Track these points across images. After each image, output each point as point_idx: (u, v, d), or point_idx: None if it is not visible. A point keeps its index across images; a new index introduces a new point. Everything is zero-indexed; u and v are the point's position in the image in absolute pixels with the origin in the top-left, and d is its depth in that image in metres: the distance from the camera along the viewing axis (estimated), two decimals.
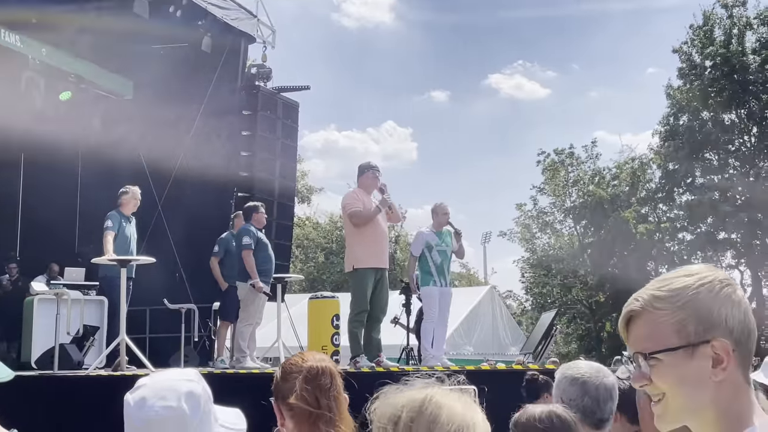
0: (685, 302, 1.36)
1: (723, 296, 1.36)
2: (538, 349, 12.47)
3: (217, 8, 13.25)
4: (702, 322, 1.34)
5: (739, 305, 1.36)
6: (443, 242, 8.86)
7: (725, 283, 1.37)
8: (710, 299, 1.35)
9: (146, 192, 10.47)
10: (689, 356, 1.34)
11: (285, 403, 2.40)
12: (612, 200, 32.14)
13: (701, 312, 1.35)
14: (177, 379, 1.83)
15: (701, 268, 1.40)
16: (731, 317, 1.34)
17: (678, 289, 1.37)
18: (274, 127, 14.20)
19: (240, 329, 9.10)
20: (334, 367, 2.50)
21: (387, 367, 7.85)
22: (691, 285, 1.37)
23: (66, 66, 13.34)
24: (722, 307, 1.35)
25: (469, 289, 29.18)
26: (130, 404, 1.80)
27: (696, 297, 1.36)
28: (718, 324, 1.34)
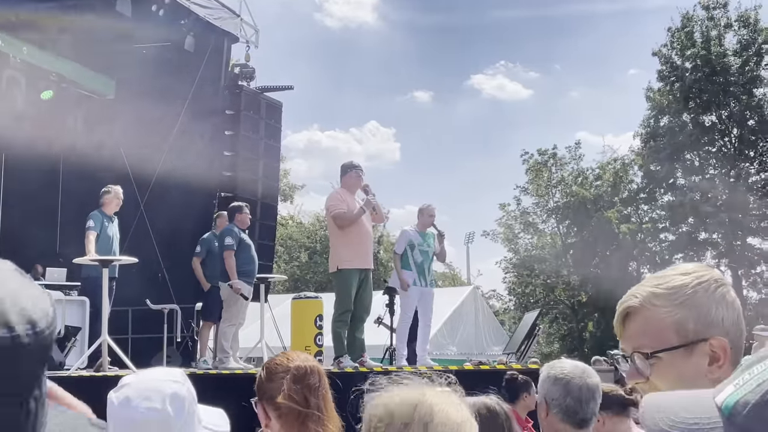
0: (683, 300, 1.37)
1: (719, 296, 1.37)
2: (521, 349, 12.50)
3: (200, 7, 13.20)
4: (701, 320, 1.35)
5: (733, 305, 1.38)
6: (426, 243, 8.90)
7: (720, 283, 1.39)
8: (707, 298, 1.37)
9: (129, 192, 10.42)
10: (688, 354, 1.35)
11: (272, 403, 2.39)
12: (595, 200, 32.33)
13: (700, 311, 1.36)
14: (162, 380, 1.82)
15: (697, 267, 1.42)
16: (727, 317, 1.36)
17: (676, 287, 1.38)
18: (258, 127, 14.17)
19: (223, 330, 9.08)
20: (320, 366, 2.50)
21: (370, 367, 7.85)
22: (689, 284, 1.38)
23: (47, 65, 13.25)
24: (719, 307, 1.36)
25: (453, 290, 29.23)
26: (113, 403, 1.79)
27: (694, 296, 1.37)
28: (716, 323, 1.35)
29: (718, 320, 1.35)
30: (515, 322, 31.37)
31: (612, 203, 32.16)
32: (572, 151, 34.55)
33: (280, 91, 14.96)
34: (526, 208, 35.27)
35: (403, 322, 8.87)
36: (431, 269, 9.06)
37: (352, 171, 8.27)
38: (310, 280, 35.96)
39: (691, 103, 29.14)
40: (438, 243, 9.02)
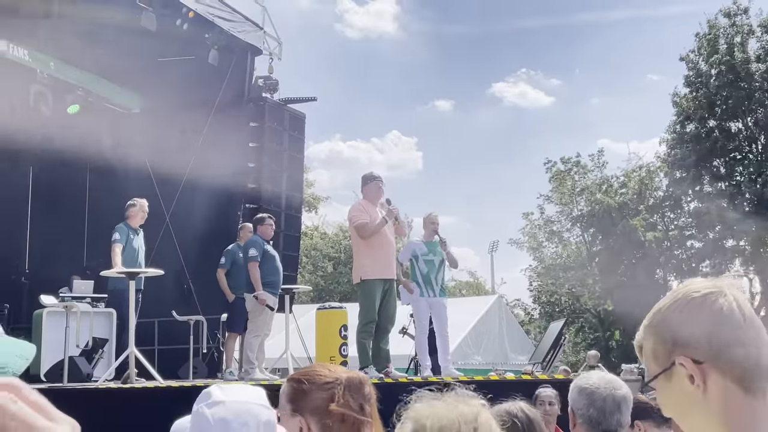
0: (655, 326, 1.35)
1: (687, 310, 1.33)
2: (547, 358, 12.44)
3: (223, 21, 13.32)
4: (667, 342, 1.32)
5: (707, 315, 1.31)
6: (431, 252, 8.79)
7: (698, 294, 1.34)
8: (677, 317, 1.33)
9: (154, 204, 10.51)
10: (669, 380, 1.32)
11: (317, 414, 2.34)
12: (620, 208, 32.11)
13: (667, 333, 1.33)
14: (255, 403, 1.82)
15: (687, 284, 1.38)
16: (695, 330, 1.30)
17: (652, 314, 1.37)
18: (281, 139, 14.25)
19: (248, 341, 9.11)
20: (366, 376, 2.51)
21: (396, 378, 7.84)
22: (662, 307, 1.36)
23: (74, 80, 13.42)
24: (687, 322, 1.31)
25: (477, 299, 29.14)
26: (209, 421, 1.76)
27: (664, 318, 1.35)
28: (684, 341, 1.30)
29: (687, 337, 1.30)
30: (540, 332, 31.20)
31: (637, 211, 31.93)
32: (595, 159, 34.40)
33: (303, 102, 15.05)
34: (549, 217, 35.12)
35: (420, 333, 8.85)
36: (440, 279, 8.97)
37: (373, 182, 8.28)
38: (335, 290, 36.00)
39: (716, 110, 28.90)
40: (444, 250, 8.95)
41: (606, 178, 33.97)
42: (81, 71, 13.38)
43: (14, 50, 12.07)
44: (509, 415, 2.79)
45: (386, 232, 8.10)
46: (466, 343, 19.82)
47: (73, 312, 9.37)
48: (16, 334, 10.18)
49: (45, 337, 9.87)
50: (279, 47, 14.66)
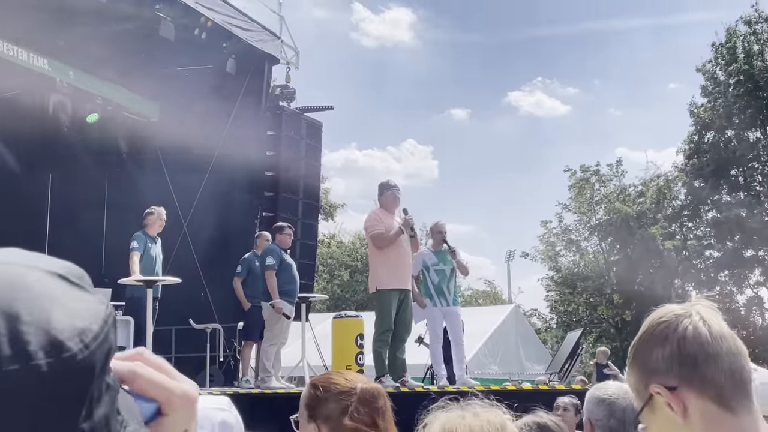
0: (631, 361, 1.36)
1: (654, 338, 1.32)
2: (564, 368, 12.38)
3: (241, 30, 13.38)
4: (643, 373, 1.32)
5: (673, 339, 1.30)
6: (441, 262, 8.78)
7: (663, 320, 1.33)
8: (646, 348, 1.33)
9: (172, 212, 10.56)
10: (653, 412, 1.31)
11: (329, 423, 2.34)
12: (638, 217, 31.95)
13: (641, 365, 1.33)
14: (211, 408, 1.85)
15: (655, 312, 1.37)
16: (662, 356, 1.30)
17: (630, 350, 1.37)
18: (298, 147, 14.28)
19: (265, 349, 9.12)
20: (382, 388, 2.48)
21: (412, 387, 7.83)
22: (635, 341, 1.36)
23: (93, 89, 13.52)
24: (654, 350, 1.31)
25: (494, 308, 29.06)
26: None
27: (636, 352, 1.35)
28: (653, 369, 1.30)
29: (655, 364, 1.30)
30: (557, 341, 31.07)
31: (655, 220, 31.76)
32: (614, 168, 34.27)
33: (320, 111, 15.08)
34: (568, 226, 34.98)
35: (434, 342, 8.84)
36: (453, 287, 8.96)
37: (389, 191, 8.28)
38: (351, 298, 36.00)
39: (735, 119, 28.72)
40: (453, 258, 8.94)
41: (624, 187, 33.83)
42: (100, 80, 13.49)
43: (34, 59, 12.19)
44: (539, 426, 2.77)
45: (402, 242, 8.09)
46: (482, 353, 19.76)
47: None
48: None
49: None
50: (296, 56, 14.72)
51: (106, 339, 0.66)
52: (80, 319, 0.65)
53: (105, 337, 0.66)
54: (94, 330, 0.65)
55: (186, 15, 12.51)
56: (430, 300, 8.66)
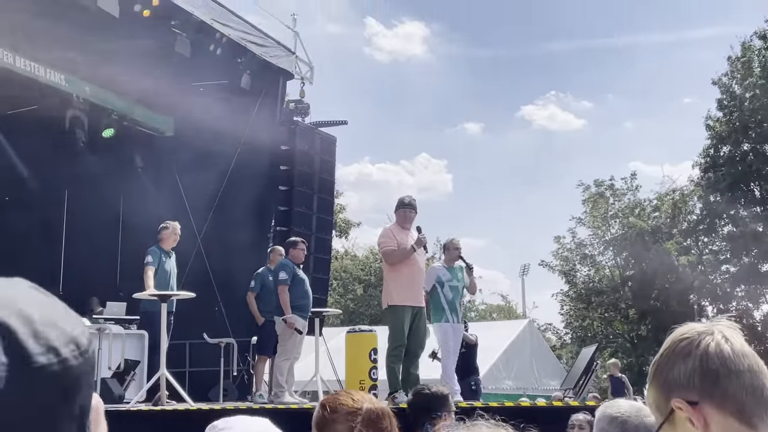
0: (652, 377, 1.37)
1: (676, 354, 1.34)
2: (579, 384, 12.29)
3: (256, 46, 13.46)
4: (663, 390, 1.33)
5: (695, 354, 1.32)
6: (455, 278, 8.81)
7: (685, 336, 1.35)
8: (668, 363, 1.34)
9: (186, 226, 10.60)
10: (673, 428, 1.32)
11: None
12: (653, 232, 31.79)
13: (662, 380, 1.34)
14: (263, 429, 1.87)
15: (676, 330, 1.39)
16: (684, 371, 1.31)
17: (650, 367, 1.38)
18: (312, 162, 14.32)
19: (278, 364, 9.12)
20: (388, 408, 2.48)
21: None
22: (656, 358, 1.38)
23: (109, 104, 13.64)
24: (676, 365, 1.33)
25: (508, 323, 28.95)
26: None
27: (657, 367, 1.36)
28: (675, 384, 1.32)
29: (677, 380, 1.31)
30: (572, 356, 30.90)
31: (671, 234, 31.59)
32: (628, 182, 34.14)
33: (334, 126, 15.13)
34: (582, 240, 34.84)
35: (446, 357, 8.83)
36: (462, 305, 9.08)
37: (401, 209, 8.28)
38: (365, 313, 35.97)
39: (751, 133, 28.59)
40: (467, 276, 8.97)
41: (639, 202, 33.69)
42: (116, 96, 13.60)
43: (51, 75, 12.32)
44: None
45: (417, 259, 8.08)
46: (496, 368, 19.68)
47: (106, 334, 9.45)
48: None
49: None
50: (310, 71, 14.79)
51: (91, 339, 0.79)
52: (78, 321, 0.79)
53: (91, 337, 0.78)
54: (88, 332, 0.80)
55: (201, 31, 12.61)
56: (442, 315, 8.67)
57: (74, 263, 13.55)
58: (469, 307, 40.94)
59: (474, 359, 12.16)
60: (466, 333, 12.08)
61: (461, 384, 11.80)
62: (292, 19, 14.80)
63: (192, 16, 12.21)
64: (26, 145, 13.67)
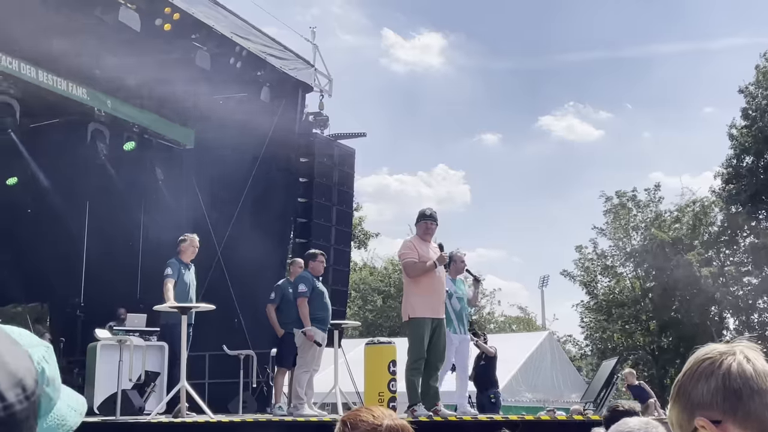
0: (674, 396, 1.39)
1: (699, 374, 1.36)
2: (600, 397, 12.21)
3: (275, 59, 13.54)
4: (687, 408, 1.35)
5: (718, 374, 1.34)
6: (459, 289, 9.09)
7: (708, 356, 1.37)
8: (692, 383, 1.36)
9: (206, 239, 10.66)
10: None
11: None
12: (674, 243, 31.55)
13: (685, 400, 1.36)
14: None
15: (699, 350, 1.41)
16: (707, 390, 1.33)
17: (673, 386, 1.40)
18: (331, 174, 14.36)
19: (297, 376, 9.12)
20: (409, 426, 2.48)
21: (445, 416, 7.77)
22: (679, 378, 1.40)
23: (130, 117, 13.76)
24: (699, 384, 1.35)
25: (527, 335, 28.83)
26: None
27: (681, 387, 1.38)
28: (698, 403, 1.33)
29: (699, 399, 1.33)
30: (593, 369, 30.67)
31: (692, 246, 31.34)
32: (651, 194, 33.93)
33: (352, 138, 15.17)
34: (603, 251, 34.64)
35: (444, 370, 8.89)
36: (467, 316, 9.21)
37: (422, 221, 8.28)
38: (384, 324, 35.92)
39: None
40: (473, 288, 9.11)
41: (659, 213, 33.48)
42: (137, 109, 13.72)
43: (73, 89, 12.44)
44: None
45: (437, 271, 8.06)
46: (516, 380, 19.58)
47: (127, 345, 9.50)
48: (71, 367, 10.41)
49: (98, 370, 10.03)
50: (329, 84, 14.84)
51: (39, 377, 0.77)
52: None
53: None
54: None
55: (221, 44, 12.70)
56: (450, 326, 8.75)
57: (95, 275, 13.66)
58: (489, 319, 40.78)
59: (493, 371, 12.12)
60: (485, 345, 12.05)
61: (480, 396, 11.80)
62: (311, 32, 14.89)
63: (212, 29, 12.31)
64: (48, 158, 13.82)
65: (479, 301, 9.73)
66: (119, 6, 11.11)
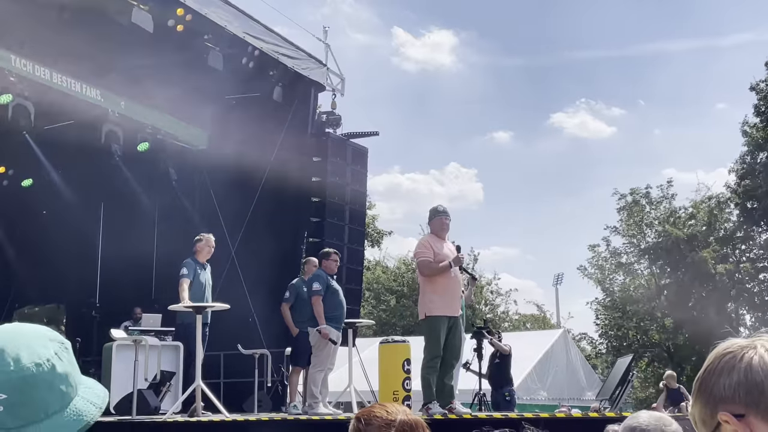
0: (697, 391, 1.38)
1: (720, 368, 1.36)
2: (615, 395, 12.18)
3: (288, 58, 13.55)
4: (709, 404, 1.35)
5: (739, 368, 1.34)
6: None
7: (729, 351, 1.37)
8: (713, 378, 1.36)
9: (220, 238, 10.68)
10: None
11: None
12: (689, 240, 31.40)
13: (708, 395, 1.35)
14: None
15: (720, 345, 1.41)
16: (729, 384, 1.33)
17: (695, 382, 1.40)
18: (344, 173, 14.36)
19: (312, 375, 9.13)
20: (423, 421, 2.48)
21: (460, 413, 7.77)
22: (700, 373, 1.39)
23: (144, 118, 13.81)
24: (720, 379, 1.34)
25: (542, 333, 28.75)
26: None
27: (702, 382, 1.38)
28: (720, 398, 1.33)
29: (722, 393, 1.33)
30: (608, 366, 30.58)
31: (707, 243, 31.18)
32: (664, 190, 33.79)
33: (365, 137, 15.16)
34: (617, 248, 34.52)
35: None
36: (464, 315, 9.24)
37: (437, 217, 8.26)
38: (398, 323, 35.91)
39: None
40: (470, 286, 9.04)
41: (674, 210, 33.32)
42: (150, 110, 13.77)
43: (87, 91, 12.51)
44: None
45: (453, 270, 8.05)
46: (531, 378, 19.54)
47: (142, 345, 9.54)
48: (87, 366, 10.45)
49: (114, 369, 10.07)
50: (342, 83, 14.83)
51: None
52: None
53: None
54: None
55: (234, 45, 12.73)
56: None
57: (110, 275, 13.72)
58: (503, 318, 40.72)
59: (508, 369, 12.10)
60: (500, 343, 12.03)
61: (495, 394, 11.78)
62: (323, 31, 14.89)
63: (224, 30, 12.33)
64: (63, 160, 13.90)
65: (476, 299, 9.73)
66: (132, 7, 11.15)
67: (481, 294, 37.65)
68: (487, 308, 39.12)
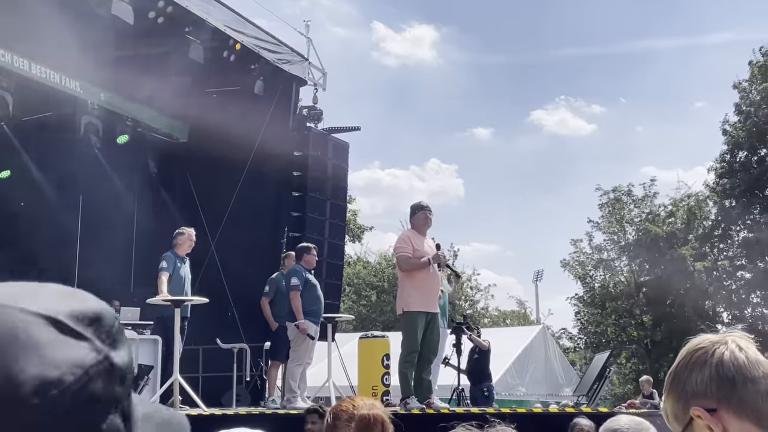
0: (669, 387, 1.40)
1: (692, 364, 1.37)
2: (592, 390, 12.25)
3: (269, 52, 13.52)
4: (681, 398, 1.36)
5: (711, 363, 1.35)
6: (444, 286, 9.17)
7: (701, 346, 1.39)
8: (685, 373, 1.37)
9: (200, 232, 10.64)
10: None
11: None
12: (668, 237, 31.63)
13: (680, 390, 1.37)
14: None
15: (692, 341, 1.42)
16: (701, 379, 1.35)
17: (667, 377, 1.42)
18: (325, 168, 14.36)
19: (291, 369, 9.14)
20: (385, 414, 2.50)
21: (437, 408, 7.79)
22: (672, 368, 1.41)
23: (123, 110, 13.74)
24: (692, 374, 1.36)
25: (522, 329, 28.89)
26: None
27: (675, 377, 1.39)
28: (693, 393, 1.35)
29: (693, 388, 1.34)
30: (586, 362, 30.77)
31: (686, 240, 31.42)
32: (646, 188, 34.01)
33: (346, 132, 15.16)
34: (598, 245, 34.72)
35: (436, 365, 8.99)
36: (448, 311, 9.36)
37: (420, 212, 8.27)
38: (378, 319, 35.95)
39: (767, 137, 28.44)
40: (454, 283, 9.16)
41: (653, 207, 33.56)
42: (130, 102, 13.69)
43: (66, 82, 12.41)
44: None
45: (432, 266, 8.06)
46: (510, 374, 19.62)
47: None
48: None
49: None
50: (323, 77, 14.82)
51: (85, 387, 0.64)
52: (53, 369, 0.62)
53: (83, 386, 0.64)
54: (66, 381, 0.62)
55: (215, 38, 12.68)
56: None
57: (88, 268, 13.61)
58: (483, 314, 40.86)
59: (487, 365, 12.15)
60: (479, 339, 12.08)
61: (474, 390, 11.84)
62: (305, 25, 14.87)
63: (205, 22, 12.28)
64: (41, 152, 13.78)
65: (459, 295, 9.87)
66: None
67: (462, 290, 37.75)
68: (467, 304, 39.24)
